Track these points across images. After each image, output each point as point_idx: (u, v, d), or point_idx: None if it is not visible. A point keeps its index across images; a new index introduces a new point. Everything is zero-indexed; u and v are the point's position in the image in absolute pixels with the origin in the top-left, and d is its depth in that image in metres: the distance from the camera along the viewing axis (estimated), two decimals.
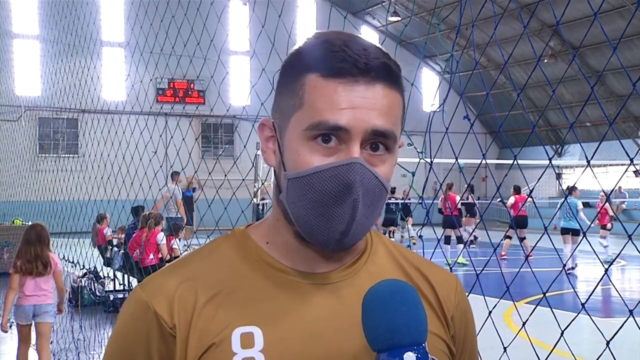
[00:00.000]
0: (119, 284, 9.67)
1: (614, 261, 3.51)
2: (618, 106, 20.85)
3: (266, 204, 14.91)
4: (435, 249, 3.37)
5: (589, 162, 2.36)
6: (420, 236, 2.89)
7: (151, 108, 17.73)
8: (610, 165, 21.65)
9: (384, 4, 24.27)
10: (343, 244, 0.97)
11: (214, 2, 4.72)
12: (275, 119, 1.01)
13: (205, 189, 6.40)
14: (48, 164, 13.76)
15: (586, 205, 16.49)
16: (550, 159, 2.76)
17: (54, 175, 9.08)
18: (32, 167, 14.11)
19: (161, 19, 4.97)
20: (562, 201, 12.67)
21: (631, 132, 22.44)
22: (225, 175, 4.16)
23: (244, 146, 3.90)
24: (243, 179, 3.89)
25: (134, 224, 10.04)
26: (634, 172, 14.81)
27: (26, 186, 12.43)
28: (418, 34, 24.21)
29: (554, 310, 2.55)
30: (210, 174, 4.61)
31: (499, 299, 2.99)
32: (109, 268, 10.14)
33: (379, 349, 0.87)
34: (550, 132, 26.29)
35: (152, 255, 8.92)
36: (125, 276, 9.69)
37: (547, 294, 2.62)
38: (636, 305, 2.29)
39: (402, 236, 17.99)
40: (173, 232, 9.61)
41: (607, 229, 14.25)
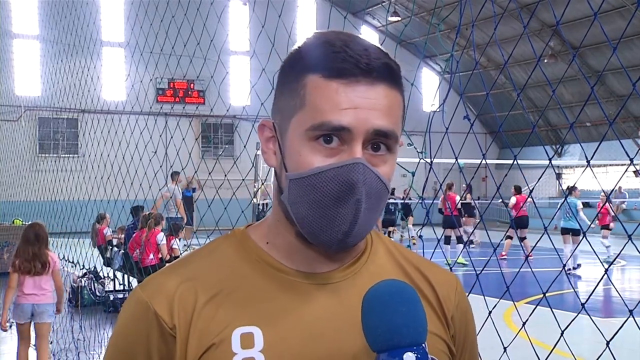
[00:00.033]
0: (119, 284, 9.67)
1: (614, 261, 3.51)
2: (618, 106, 20.85)
3: (266, 204, 14.90)
4: (435, 249, 3.37)
5: (589, 162, 2.36)
6: (420, 236, 2.89)
7: (151, 108, 17.72)
8: (610, 165, 21.65)
9: (384, 4, 24.26)
10: (346, 244, 0.97)
11: (214, 2, 4.72)
12: (276, 120, 1.01)
13: (205, 189, 6.40)
14: (48, 164, 13.76)
15: (586, 205, 16.48)
16: (550, 159, 2.76)
17: (54, 175, 9.08)
18: (32, 167, 14.12)
19: (161, 19, 4.97)
20: (562, 201, 12.66)
21: (631, 132, 22.44)
22: (225, 175, 4.16)
23: (244, 146, 3.90)
24: (243, 179, 3.89)
25: (134, 224, 10.05)
26: (634, 172, 14.78)
27: (26, 186, 12.43)
28: (418, 34, 24.20)
29: (554, 310, 2.55)
30: (210, 174, 4.61)
31: (499, 299, 2.99)
32: (109, 268, 10.15)
33: (379, 349, 0.87)
34: (550, 132, 26.29)
35: (152, 255, 8.92)
36: (125, 276, 9.69)
37: (547, 294, 2.62)
38: (636, 305, 2.29)
39: (402, 236, 17.99)
40: (173, 232, 9.62)
41: (609, 228, 14.19)
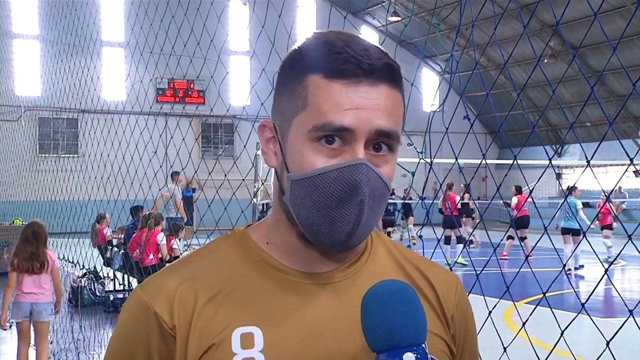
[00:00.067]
0: (119, 284, 9.66)
1: (613, 261, 3.51)
2: (618, 106, 20.85)
3: (267, 204, 14.89)
4: (435, 249, 3.37)
5: (589, 162, 2.36)
6: (420, 236, 2.88)
7: (151, 108, 17.71)
8: (610, 165, 21.65)
9: (384, 4, 24.26)
10: (348, 245, 0.97)
11: (214, 2, 4.72)
12: (276, 120, 1.01)
13: (205, 189, 6.39)
14: (48, 164, 13.77)
15: (586, 205, 16.47)
16: (550, 159, 2.76)
17: (54, 175, 9.09)
18: (32, 167, 14.12)
19: (161, 19, 4.97)
20: (562, 201, 12.64)
21: (631, 132, 22.43)
22: (225, 175, 4.16)
23: (244, 146, 3.89)
24: (243, 179, 3.89)
25: (133, 223, 10.05)
26: (634, 172, 14.77)
27: (26, 186, 12.44)
28: (418, 34, 24.20)
29: (554, 310, 2.55)
30: (210, 174, 4.60)
31: (499, 299, 2.99)
32: (109, 268, 10.14)
33: (379, 349, 0.87)
34: (550, 132, 26.29)
35: (152, 256, 8.92)
36: (125, 276, 9.69)
37: (547, 294, 2.62)
38: (636, 305, 2.29)
39: (402, 236, 17.98)
40: (173, 232, 9.61)
41: (611, 228, 14.13)
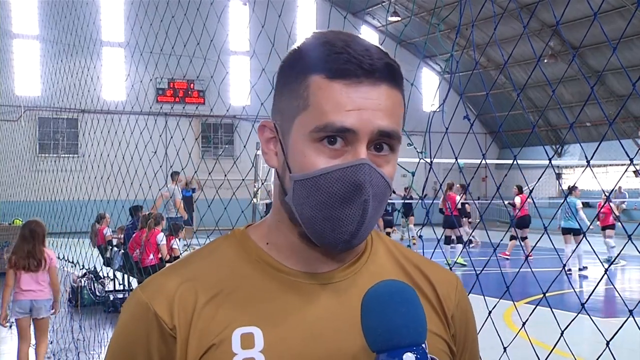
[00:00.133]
0: (119, 284, 9.66)
1: (614, 261, 3.51)
2: (618, 106, 20.85)
3: (269, 204, 14.88)
4: (435, 249, 3.37)
5: (588, 162, 2.36)
6: (420, 236, 2.88)
7: (151, 108, 17.72)
8: (610, 165, 21.65)
9: (384, 4, 24.26)
10: (351, 244, 0.97)
11: (214, 2, 4.71)
12: (277, 120, 1.01)
13: (205, 189, 6.39)
14: (48, 164, 13.77)
15: (586, 205, 16.46)
16: (550, 159, 2.76)
17: (53, 175, 9.08)
18: (32, 167, 14.13)
19: (161, 19, 4.97)
20: (562, 201, 12.62)
21: (631, 132, 22.43)
22: (225, 175, 4.16)
23: (244, 146, 3.89)
24: (243, 179, 3.89)
25: (133, 223, 10.05)
26: (634, 172, 14.76)
27: (26, 186, 12.44)
28: (418, 34, 24.20)
29: (554, 310, 2.54)
30: (210, 174, 4.60)
31: (499, 299, 2.99)
32: (108, 268, 10.14)
33: (378, 349, 0.87)
34: (550, 132, 26.29)
35: (152, 256, 8.92)
36: (125, 276, 9.69)
37: (547, 294, 2.62)
38: (636, 305, 2.29)
39: (402, 236, 17.96)
40: (173, 232, 9.61)
41: (614, 228, 14.06)
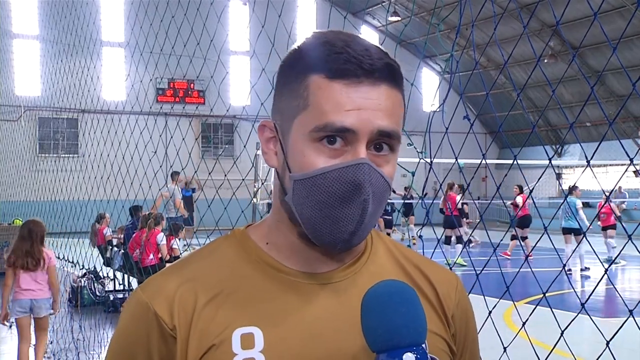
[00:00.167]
0: (119, 284, 9.66)
1: (613, 261, 3.51)
2: (618, 106, 20.85)
3: (268, 204, 14.89)
4: (435, 249, 3.37)
5: (588, 162, 2.36)
6: (420, 236, 2.88)
7: (151, 108, 17.71)
8: (610, 165, 21.65)
9: (384, 4, 24.26)
10: (351, 244, 0.97)
11: (214, 2, 4.71)
12: (276, 120, 1.01)
13: (205, 189, 6.39)
14: (48, 164, 13.77)
15: (586, 205, 16.45)
16: (550, 159, 2.76)
17: (53, 175, 9.08)
18: (32, 167, 14.12)
19: (161, 19, 4.96)
20: (562, 201, 12.61)
21: (631, 132, 22.43)
22: (225, 175, 4.16)
23: (244, 146, 3.89)
24: (243, 179, 3.88)
25: (133, 223, 10.05)
26: (634, 172, 14.75)
27: (26, 186, 12.43)
28: (418, 34, 24.20)
29: (554, 310, 2.54)
30: (210, 174, 4.60)
31: (499, 299, 2.99)
32: (108, 268, 10.14)
33: (378, 349, 0.87)
34: (550, 132, 26.29)
35: (152, 256, 8.92)
36: (125, 276, 9.69)
37: (547, 294, 2.62)
38: (636, 305, 2.29)
39: (403, 236, 17.93)
40: (173, 232, 9.61)
41: (615, 228, 14.03)
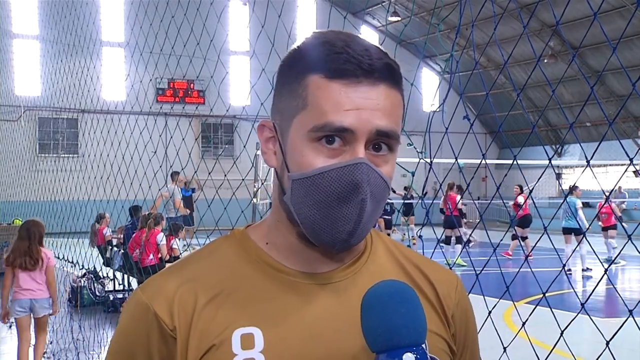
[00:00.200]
0: (119, 284, 9.66)
1: (613, 261, 3.51)
2: (618, 106, 20.85)
3: (266, 204, 14.89)
4: (435, 249, 3.37)
5: (588, 162, 2.36)
6: (420, 236, 2.88)
7: (151, 108, 17.71)
8: (610, 165, 21.65)
9: (384, 4, 24.26)
10: (349, 244, 0.97)
11: (214, 2, 4.71)
12: (276, 120, 1.01)
13: (205, 189, 6.39)
14: (48, 164, 13.77)
15: (586, 205, 16.45)
16: (550, 159, 2.76)
17: (53, 175, 9.08)
18: (32, 167, 14.12)
19: (161, 19, 4.96)
20: (562, 201, 12.61)
21: (631, 132, 22.43)
22: (225, 175, 4.16)
23: (244, 146, 3.89)
24: (243, 179, 3.88)
25: (132, 223, 10.04)
26: (634, 172, 14.74)
27: (26, 186, 12.43)
28: (418, 34, 24.20)
29: (554, 310, 2.54)
30: (210, 174, 4.60)
31: (499, 299, 2.99)
32: (108, 268, 10.14)
33: (378, 349, 0.87)
34: (550, 132, 26.28)
35: (151, 256, 8.92)
36: (125, 276, 9.69)
37: (547, 294, 2.62)
38: (636, 305, 2.29)
39: (403, 236, 17.92)
40: (173, 232, 9.61)
41: (616, 228, 14.01)
